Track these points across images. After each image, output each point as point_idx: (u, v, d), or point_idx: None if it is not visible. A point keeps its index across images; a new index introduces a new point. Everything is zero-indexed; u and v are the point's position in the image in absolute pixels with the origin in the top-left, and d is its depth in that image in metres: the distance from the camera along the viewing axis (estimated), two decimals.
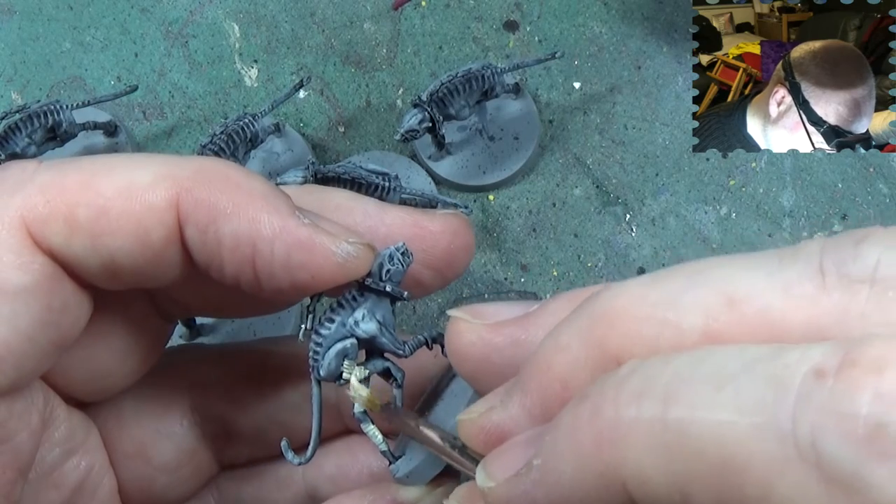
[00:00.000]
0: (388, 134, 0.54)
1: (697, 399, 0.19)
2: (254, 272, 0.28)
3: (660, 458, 0.19)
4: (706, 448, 0.18)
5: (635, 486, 0.20)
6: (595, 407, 0.21)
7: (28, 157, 0.49)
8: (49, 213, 0.27)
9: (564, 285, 0.51)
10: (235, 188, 0.28)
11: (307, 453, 0.31)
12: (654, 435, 0.19)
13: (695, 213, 0.51)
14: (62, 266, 0.28)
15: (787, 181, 0.52)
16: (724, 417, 0.18)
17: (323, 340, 0.30)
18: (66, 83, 0.56)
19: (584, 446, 0.21)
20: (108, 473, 0.33)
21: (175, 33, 0.56)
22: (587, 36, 0.55)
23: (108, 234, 0.27)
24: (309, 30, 0.56)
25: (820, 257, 0.20)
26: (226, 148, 0.47)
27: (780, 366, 0.18)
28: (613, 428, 0.20)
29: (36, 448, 0.30)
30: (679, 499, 0.19)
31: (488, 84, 0.49)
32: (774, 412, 0.18)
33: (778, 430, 0.18)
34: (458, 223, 0.32)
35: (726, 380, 0.19)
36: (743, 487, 0.18)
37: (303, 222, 0.28)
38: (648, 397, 0.20)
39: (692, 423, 0.19)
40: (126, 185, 0.27)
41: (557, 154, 0.53)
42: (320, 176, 0.47)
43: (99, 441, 0.33)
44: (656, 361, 0.20)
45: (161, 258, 0.28)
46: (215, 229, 0.28)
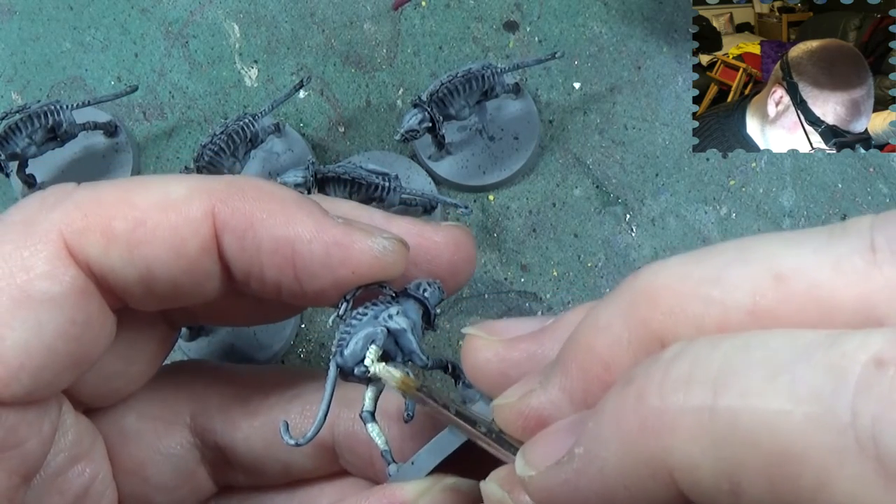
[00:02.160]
0: (388, 134, 0.54)
1: (750, 387, 0.18)
2: (295, 273, 0.29)
3: (709, 446, 0.19)
4: (759, 438, 0.18)
5: (682, 474, 0.19)
6: (640, 393, 0.20)
7: (28, 157, 0.49)
8: (86, 226, 0.28)
9: (564, 285, 0.51)
10: (269, 196, 0.29)
11: (307, 434, 0.30)
12: (703, 423, 0.19)
13: (695, 213, 0.51)
14: (98, 279, 0.28)
15: (787, 181, 0.52)
16: (778, 407, 0.18)
17: (352, 329, 0.30)
18: (66, 83, 0.56)
19: (629, 434, 0.20)
20: (112, 485, 0.33)
21: (175, 33, 0.56)
22: (587, 36, 0.55)
23: (145, 244, 0.28)
24: (309, 30, 0.56)
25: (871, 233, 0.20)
26: (226, 148, 0.47)
27: (838, 354, 0.18)
28: (660, 415, 0.19)
29: (44, 456, 0.30)
30: (728, 488, 0.19)
31: (488, 84, 0.49)
32: (832, 403, 0.17)
33: (836, 422, 0.17)
34: (461, 235, 0.33)
35: (780, 368, 0.18)
36: (798, 479, 0.18)
37: (336, 222, 0.29)
38: (697, 384, 0.19)
39: (744, 411, 0.18)
40: (161, 198, 0.28)
41: (557, 154, 0.53)
42: (320, 176, 0.47)
43: (104, 451, 0.33)
44: (704, 345, 0.20)
45: (197, 269, 0.29)
46: (253, 234, 0.28)
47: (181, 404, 0.35)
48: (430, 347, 0.50)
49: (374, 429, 0.30)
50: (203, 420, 0.35)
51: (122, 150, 0.53)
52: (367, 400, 0.30)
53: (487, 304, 0.51)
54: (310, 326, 0.51)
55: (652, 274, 0.22)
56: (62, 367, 0.28)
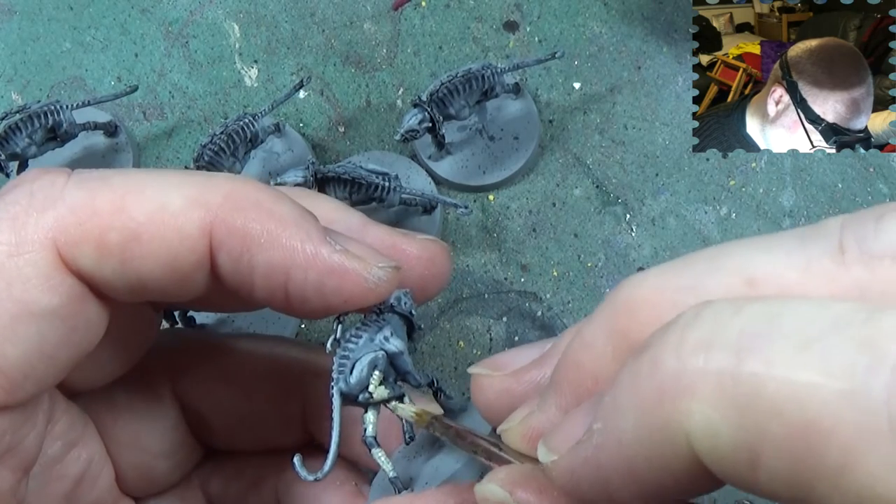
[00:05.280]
0: (388, 134, 0.54)
1: (777, 355, 0.18)
2: (286, 297, 0.29)
3: (730, 413, 0.18)
4: (784, 409, 0.17)
5: (701, 441, 0.19)
6: (655, 358, 0.19)
7: (28, 157, 0.49)
8: (81, 237, 0.27)
9: (564, 285, 0.51)
10: (268, 215, 0.28)
11: (324, 468, 0.30)
12: (725, 388, 0.18)
13: (695, 213, 0.51)
14: (88, 285, 0.28)
15: (787, 181, 0.52)
16: (808, 379, 0.17)
17: (350, 354, 0.30)
18: (66, 83, 0.56)
19: (646, 401, 0.19)
20: (107, 464, 0.34)
21: (175, 33, 0.56)
22: (587, 36, 0.55)
23: (139, 259, 0.28)
24: (309, 30, 0.56)
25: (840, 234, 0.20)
26: (226, 148, 0.47)
27: (875, 330, 0.17)
28: (677, 378, 0.19)
29: (40, 447, 0.30)
30: (747, 457, 0.18)
31: (488, 84, 0.49)
32: (867, 380, 0.17)
33: (869, 400, 0.17)
34: (436, 250, 0.33)
35: (811, 338, 0.18)
36: (822, 457, 0.17)
37: (335, 249, 0.29)
38: (718, 348, 0.18)
39: (770, 380, 0.18)
40: (158, 208, 0.28)
41: (557, 154, 0.53)
42: (320, 176, 0.47)
43: (95, 432, 0.34)
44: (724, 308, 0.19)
45: (189, 281, 0.29)
46: (249, 258, 0.28)
47: (162, 374, 0.35)
48: (431, 348, 0.50)
49: (379, 454, 0.31)
50: (181, 387, 0.35)
51: (122, 150, 0.53)
52: (369, 425, 0.30)
53: (487, 304, 0.51)
54: (310, 326, 0.51)
55: (630, 287, 0.22)
56: (62, 370, 0.29)
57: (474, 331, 0.50)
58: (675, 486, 0.20)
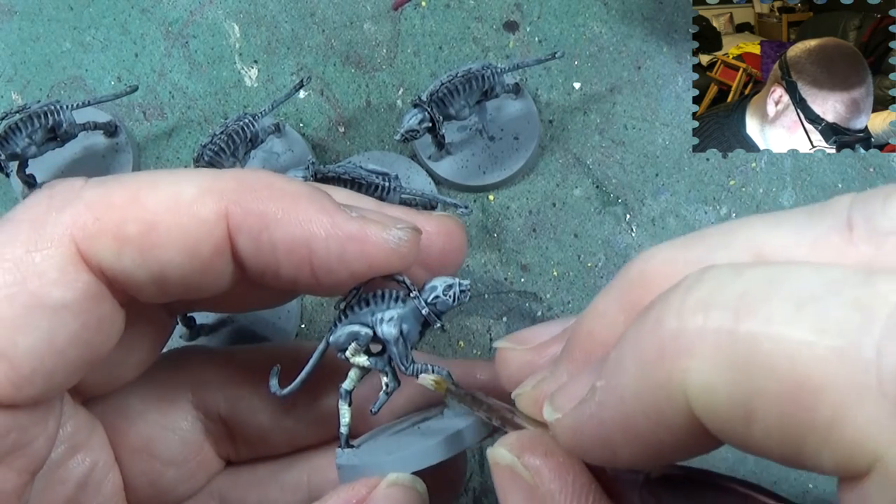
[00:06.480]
0: (388, 134, 0.54)
1: (774, 315, 0.18)
2: (311, 271, 0.29)
3: (726, 370, 0.18)
4: (778, 366, 0.18)
5: (698, 398, 0.19)
6: (658, 317, 0.20)
7: (28, 157, 0.49)
8: (98, 230, 0.28)
9: (564, 285, 0.51)
10: (281, 194, 0.29)
11: (290, 387, 0.32)
12: (722, 346, 0.18)
13: (695, 213, 0.51)
14: (110, 282, 0.28)
15: (787, 181, 0.52)
16: (801, 337, 0.18)
17: (350, 316, 0.31)
18: (66, 83, 0.56)
19: (647, 358, 0.20)
20: (114, 470, 0.34)
21: (175, 33, 0.56)
22: (587, 36, 0.55)
23: (158, 248, 0.28)
24: (309, 30, 0.56)
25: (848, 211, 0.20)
26: (226, 148, 0.47)
27: (870, 293, 0.18)
28: (677, 336, 0.19)
29: (50, 450, 0.30)
30: (742, 414, 0.18)
31: (488, 84, 0.49)
32: (858, 339, 0.17)
33: (860, 358, 0.17)
34: (452, 225, 0.33)
35: (808, 299, 0.18)
36: (812, 412, 0.17)
37: (351, 216, 0.29)
38: (717, 307, 0.19)
39: (766, 338, 0.18)
40: (172, 199, 0.28)
41: (557, 154, 0.53)
42: (320, 176, 0.47)
43: (104, 438, 0.33)
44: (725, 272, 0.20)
45: (210, 268, 0.29)
46: (268, 236, 0.28)
47: (181, 384, 0.35)
48: (431, 348, 0.50)
49: (343, 407, 0.32)
50: (206, 396, 0.35)
51: (122, 150, 0.53)
52: (348, 378, 0.32)
53: (487, 304, 0.51)
54: (310, 327, 0.51)
55: (642, 260, 0.23)
56: (74, 370, 0.29)
57: (474, 331, 0.50)
58: (673, 443, 0.20)
